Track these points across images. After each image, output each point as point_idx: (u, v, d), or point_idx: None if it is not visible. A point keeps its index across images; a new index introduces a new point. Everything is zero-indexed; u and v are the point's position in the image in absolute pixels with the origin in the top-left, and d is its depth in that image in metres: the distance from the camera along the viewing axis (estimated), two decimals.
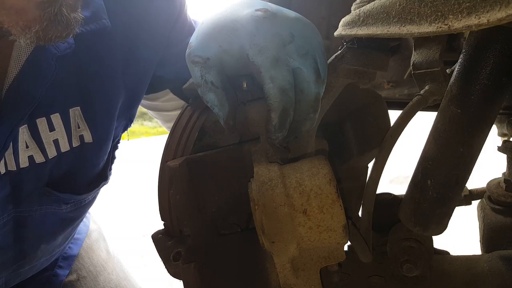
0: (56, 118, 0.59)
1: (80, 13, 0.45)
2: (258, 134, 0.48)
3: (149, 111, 0.85)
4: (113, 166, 0.77)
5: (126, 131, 0.76)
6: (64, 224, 0.74)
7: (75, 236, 0.92)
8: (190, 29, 0.72)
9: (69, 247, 0.90)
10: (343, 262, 0.54)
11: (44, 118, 0.57)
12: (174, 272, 0.48)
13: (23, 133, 0.56)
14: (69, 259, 0.89)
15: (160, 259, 0.49)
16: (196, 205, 0.47)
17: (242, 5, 0.46)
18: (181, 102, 0.74)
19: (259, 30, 0.42)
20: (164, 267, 0.48)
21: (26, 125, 0.56)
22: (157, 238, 0.51)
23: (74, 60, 0.57)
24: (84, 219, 0.98)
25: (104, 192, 0.83)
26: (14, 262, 0.69)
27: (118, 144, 0.76)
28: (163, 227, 0.52)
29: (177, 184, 0.47)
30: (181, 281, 0.47)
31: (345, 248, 0.55)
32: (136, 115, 0.76)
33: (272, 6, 0.45)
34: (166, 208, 0.51)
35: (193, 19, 0.75)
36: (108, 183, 0.76)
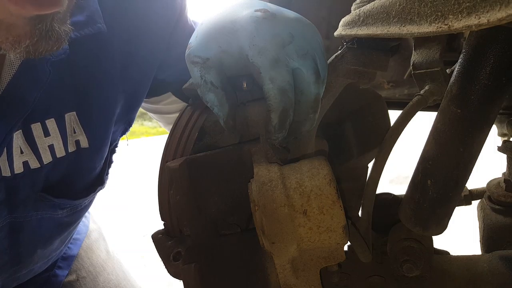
0: (51, 123, 0.58)
1: (69, 24, 0.45)
2: (258, 134, 0.48)
3: (151, 114, 0.84)
4: (110, 170, 0.76)
5: (124, 135, 0.76)
6: (60, 229, 0.74)
7: (75, 236, 0.92)
8: (191, 31, 0.71)
9: (68, 247, 0.90)
10: (343, 262, 0.54)
11: (39, 123, 0.57)
12: (174, 272, 0.48)
13: (18, 138, 0.55)
14: (69, 259, 0.89)
15: (160, 259, 0.49)
16: (196, 206, 0.47)
17: (242, 5, 0.46)
18: (183, 104, 0.74)
19: (259, 31, 0.42)
20: (164, 267, 0.48)
21: (20, 130, 0.55)
22: (157, 238, 0.51)
23: (70, 65, 0.57)
24: (84, 219, 0.98)
25: (104, 192, 0.83)
26: (10, 267, 0.69)
27: (116, 148, 0.75)
28: (163, 227, 0.52)
29: (177, 185, 0.47)
30: (181, 281, 0.47)
31: (345, 248, 0.55)
32: (136, 115, 0.75)
33: (272, 7, 0.45)
34: (166, 208, 0.51)
35: (194, 20, 0.74)
36: (105, 187, 0.76)
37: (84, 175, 0.68)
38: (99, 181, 0.72)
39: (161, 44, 0.67)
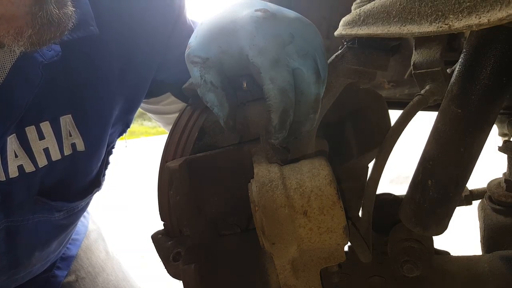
0: (45, 126, 0.57)
1: (70, 6, 0.44)
2: (258, 134, 0.48)
3: (150, 114, 0.84)
4: (107, 171, 0.76)
5: (122, 136, 0.75)
6: (57, 231, 0.74)
7: (74, 236, 0.92)
8: (190, 31, 0.70)
9: (67, 247, 0.89)
10: (343, 263, 0.54)
11: (33, 126, 0.56)
12: (174, 272, 0.48)
13: (12, 142, 0.55)
14: (68, 259, 0.89)
15: (160, 259, 0.49)
16: (196, 206, 0.47)
17: (242, 5, 0.46)
18: (183, 105, 0.74)
19: (259, 31, 0.42)
20: (164, 267, 0.48)
21: (14, 134, 0.55)
22: (157, 238, 0.51)
23: (63, 67, 0.56)
24: (83, 219, 0.98)
25: (104, 192, 0.83)
26: (8, 270, 0.69)
27: (113, 150, 0.75)
28: (163, 227, 0.52)
29: (177, 185, 0.47)
30: (181, 281, 0.46)
31: (345, 248, 0.55)
32: (136, 115, 0.75)
33: (272, 6, 0.45)
34: (166, 208, 0.51)
35: (192, 20, 0.74)
36: (102, 188, 0.76)
37: (81, 178, 0.68)
38: (96, 183, 0.72)
39: (160, 46, 0.67)
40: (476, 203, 0.69)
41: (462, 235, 2.09)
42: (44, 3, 0.40)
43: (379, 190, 0.55)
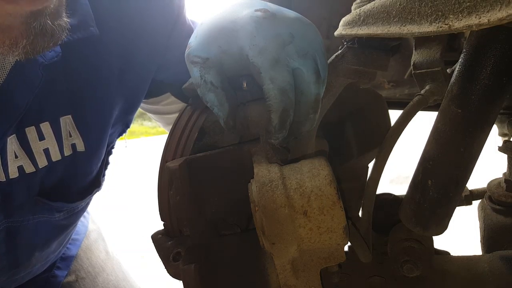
0: (45, 127, 0.58)
1: (66, 18, 0.45)
2: (258, 134, 0.48)
3: (150, 114, 0.84)
4: (107, 172, 0.76)
5: (122, 136, 0.76)
6: (57, 232, 0.74)
7: (74, 236, 0.92)
8: (189, 31, 0.71)
9: (67, 247, 0.89)
10: (343, 263, 0.54)
11: (33, 126, 0.56)
12: (174, 272, 0.48)
13: (12, 143, 0.55)
14: (68, 259, 0.89)
15: (160, 259, 0.49)
16: (196, 206, 0.47)
17: (242, 5, 0.46)
18: (183, 105, 0.74)
19: (259, 31, 0.42)
20: (164, 267, 0.48)
21: (14, 134, 0.55)
22: (157, 238, 0.51)
23: (64, 68, 0.56)
24: (83, 219, 0.98)
25: (104, 192, 0.83)
26: (8, 270, 0.69)
27: (112, 150, 0.75)
28: (163, 227, 0.52)
29: (177, 185, 0.47)
30: (181, 281, 0.46)
31: (345, 248, 0.55)
32: (136, 115, 0.75)
33: (272, 6, 0.45)
34: (166, 208, 0.51)
35: (192, 20, 0.74)
36: (101, 188, 0.76)
37: (81, 178, 0.68)
38: (96, 184, 0.72)
39: (159, 46, 0.67)
40: (476, 203, 0.69)
41: (462, 235, 2.09)
42: (39, 15, 0.40)
43: (379, 190, 0.55)
